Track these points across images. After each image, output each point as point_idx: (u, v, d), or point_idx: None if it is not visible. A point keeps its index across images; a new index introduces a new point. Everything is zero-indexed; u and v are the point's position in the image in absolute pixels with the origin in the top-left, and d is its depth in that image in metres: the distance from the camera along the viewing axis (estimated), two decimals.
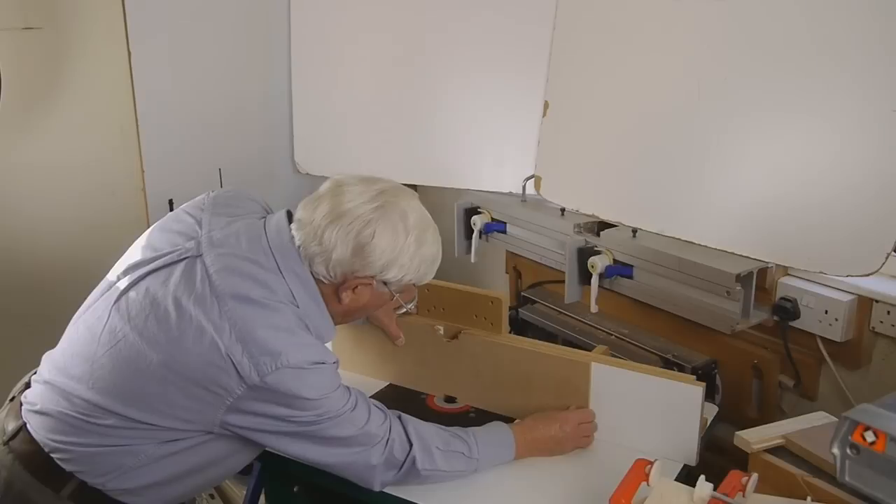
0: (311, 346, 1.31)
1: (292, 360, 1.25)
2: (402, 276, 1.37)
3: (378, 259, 1.33)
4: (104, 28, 2.24)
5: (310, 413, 1.29)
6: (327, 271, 1.35)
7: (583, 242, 1.91)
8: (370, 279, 1.36)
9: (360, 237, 1.31)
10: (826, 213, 1.50)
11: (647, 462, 1.29)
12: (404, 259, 1.35)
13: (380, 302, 1.44)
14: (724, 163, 1.65)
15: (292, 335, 1.28)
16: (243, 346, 1.24)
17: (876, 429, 1.17)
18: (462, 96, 2.26)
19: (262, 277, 1.30)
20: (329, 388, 1.31)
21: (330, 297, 1.39)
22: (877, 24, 1.42)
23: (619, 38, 1.85)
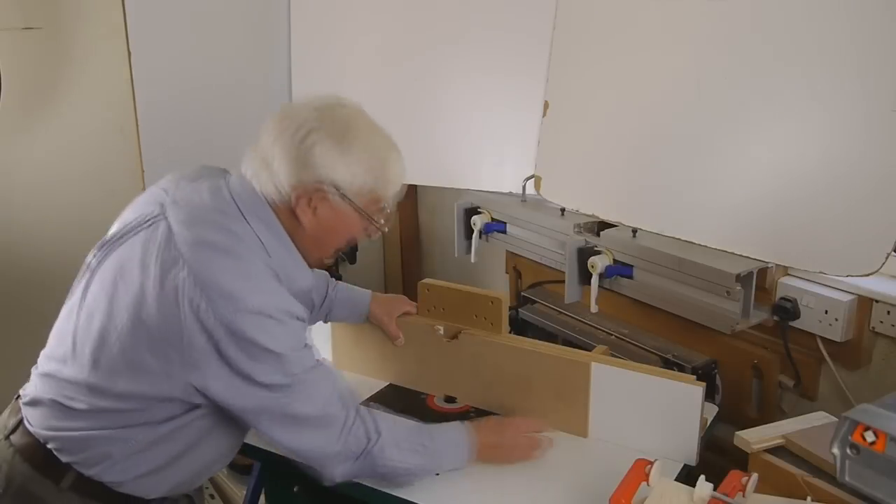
0: (277, 293, 1.26)
1: (254, 303, 1.21)
2: (353, 179, 1.29)
3: (321, 160, 1.27)
4: (104, 28, 2.24)
5: (274, 371, 1.24)
6: (278, 191, 1.29)
7: (583, 242, 1.91)
8: (320, 187, 1.28)
9: (302, 143, 1.26)
10: (826, 213, 1.50)
11: (647, 462, 1.29)
12: (351, 159, 1.28)
13: (348, 222, 1.34)
14: (724, 163, 1.65)
15: (257, 280, 1.24)
16: (202, 289, 1.20)
17: (876, 429, 1.17)
18: (462, 96, 2.26)
19: (225, 224, 1.27)
20: (294, 344, 1.26)
21: (295, 230, 1.33)
22: (877, 24, 1.42)
23: (619, 38, 1.85)
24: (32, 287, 2.26)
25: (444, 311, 1.72)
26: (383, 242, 3.06)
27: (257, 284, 1.23)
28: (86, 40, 2.25)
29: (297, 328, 1.28)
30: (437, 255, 2.97)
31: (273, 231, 1.30)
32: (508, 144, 2.18)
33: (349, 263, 2.85)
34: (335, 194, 1.30)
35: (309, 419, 1.30)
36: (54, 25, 2.20)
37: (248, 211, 1.29)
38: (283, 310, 1.25)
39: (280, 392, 1.26)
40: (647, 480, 1.27)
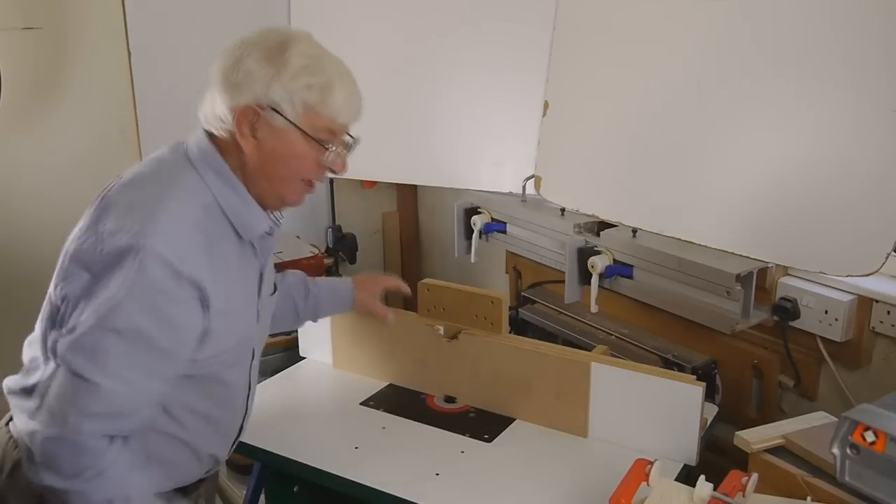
0: (190, 245, 1.16)
1: (152, 242, 1.12)
2: (291, 96, 1.19)
3: (256, 78, 1.18)
4: (104, 28, 2.24)
5: (93, 314, 1.12)
6: (221, 122, 1.21)
7: (583, 242, 1.91)
8: (255, 107, 1.19)
9: (237, 63, 1.19)
10: (826, 213, 1.50)
11: (647, 462, 1.29)
12: (285, 75, 1.18)
13: (294, 149, 1.23)
14: (724, 163, 1.65)
15: (168, 223, 1.15)
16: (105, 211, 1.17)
17: (876, 429, 1.17)
18: (462, 96, 2.26)
19: (163, 177, 1.21)
20: (144, 294, 1.12)
21: (246, 169, 1.24)
22: (877, 24, 1.42)
23: (619, 38, 1.85)
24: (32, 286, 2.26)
25: (444, 311, 1.72)
26: (383, 242, 3.06)
27: (165, 227, 1.14)
28: (86, 40, 2.25)
29: (186, 295, 1.16)
30: (437, 255, 2.98)
31: (223, 177, 1.23)
32: (508, 144, 2.18)
33: (349, 263, 2.85)
34: (273, 115, 1.19)
35: (55, 394, 1.14)
36: (54, 25, 2.20)
37: (199, 160, 1.23)
38: (182, 268, 1.14)
39: (92, 329, 1.12)
40: (647, 480, 1.27)
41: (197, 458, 1.35)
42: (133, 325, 1.13)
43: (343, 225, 2.87)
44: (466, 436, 1.61)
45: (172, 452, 1.30)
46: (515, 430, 1.63)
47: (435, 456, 1.54)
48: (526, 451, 1.56)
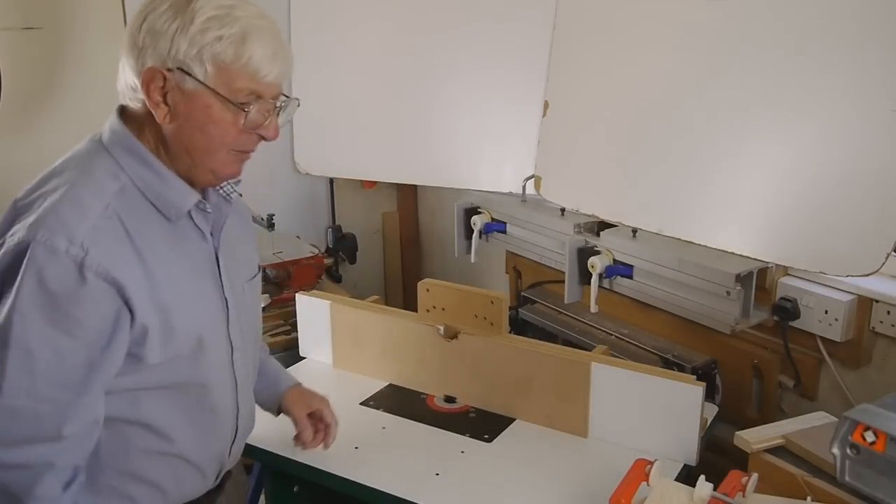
0: (87, 224, 1.03)
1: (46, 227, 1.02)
2: (198, 53, 1.04)
3: (156, 35, 1.05)
4: (104, 28, 2.24)
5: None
6: (129, 89, 1.11)
7: (583, 242, 1.91)
8: (161, 70, 1.05)
9: (142, 24, 1.06)
10: (826, 213, 1.50)
11: (647, 462, 1.29)
12: (192, 29, 1.03)
13: (209, 113, 1.08)
14: (724, 163, 1.65)
15: (65, 207, 1.04)
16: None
17: (876, 429, 1.17)
18: (462, 96, 2.26)
19: (68, 168, 1.12)
20: (41, 294, 1.00)
21: (161, 140, 1.12)
22: (877, 24, 1.42)
23: (619, 39, 1.85)
24: None
25: (444, 311, 1.72)
26: (383, 242, 3.06)
27: (67, 218, 1.03)
28: (86, 40, 2.25)
29: (96, 292, 1.02)
30: (437, 255, 2.98)
31: (136, 155, 1.11)
32: (508, 144, 2.18)
33: (349, 264, 2.85)
34: (183, 77, 1.05)
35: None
36: (54, 25, 2.20)
37: (111, 143, 1.12)
38: (88, 260, 1.01)
39: None
40: (647, 480, 1.27)
41: (197, 471, 1.23)
42: (34, 333, 1.01)
43: (343, 225, 2.87)
44: (466, 436, 1.61)
45: (166, 472, 1.19)
46: (515, 430, 1.63)
47: (435, 456, 1.54)
48: (526, 451, 1.56)
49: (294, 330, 2.03)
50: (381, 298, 2.02)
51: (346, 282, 2.86)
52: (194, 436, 1.20)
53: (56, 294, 1.01)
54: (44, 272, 1.00)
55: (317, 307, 1.88)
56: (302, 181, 2.74)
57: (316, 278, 2.35)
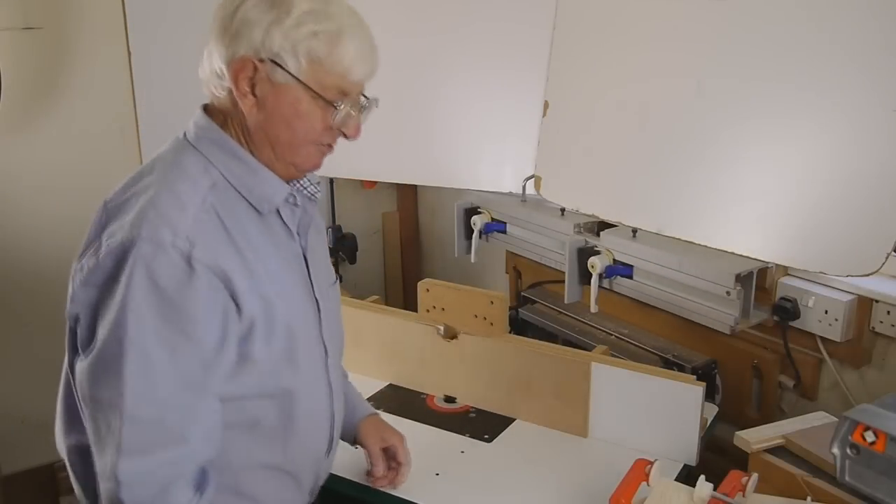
0: (194, 220, 1.01)
1: (153, 231, 0.99)
2: (293, 46, 1.02)
3: (250, 24, 1.02)
4: (104, 28, 2.24)
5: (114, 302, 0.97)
6: (215, 77, 1.07)
7: (583, 242, 1.91)
8: (252, 61, 1.03)
9: (235, 12, 1.04)
10: (826, 213, 1.50)
11: (647, 462, 1.29)
12: (290, 22, 1.02)
13: (298, 107, 1.06)
14: (724, 163, 1.65)
15: (168, 206, 1.02)
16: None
17: (876, 429, 1.17)
18: (462, 96, 2.26)
19: (157, 166, 1.09)
20: (154, 291, 0.97)
21: (245, 131, 1.09)
22: (877, 24, 1.42)
23: (619, 38, 1.85)
24: (33, 286, 2.26)
25: (443, 311, 1.72)
26: (383, 242, 3.06)
27: (168, 215, 1.00)
28: (86, 40, 2.25)
29: (205, 284, 0.99)
30: (437, 255, 2.97)
31: (225, 148, 1.08)
32: (508, 144, 2.18)
33: (349, 263, 2.85)
34: (274, 68, 1.03)
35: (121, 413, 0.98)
36: (54, 25, 2.20)
37: (197, 138, 1.09)
38: (195, 253, 0.99)
39: (108, 337, 0.98)
40: (647, 480, 1.27)
41: (296, 484, 1.19)
42: (150, 334, 0.97)
43: (343, 225, 2.87)
44: (466, 436, 1.61)
45: (267, 486, 1.15)
46: (515, 430, 1.64)
47: (435, 456, 1.54)
48: (526, 451, 1.56)
49: None
50: (381, 298, 2.02)
51: (346, 282, 2.86)
52: (294, 445, 1.16)
53: (167, 289, 0.97)
54: (153, 268, 0.97)
55: None
56: None
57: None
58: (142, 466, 0.99)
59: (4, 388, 2.27)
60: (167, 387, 0.99)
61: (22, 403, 2.25)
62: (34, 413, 2.27)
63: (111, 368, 0.97)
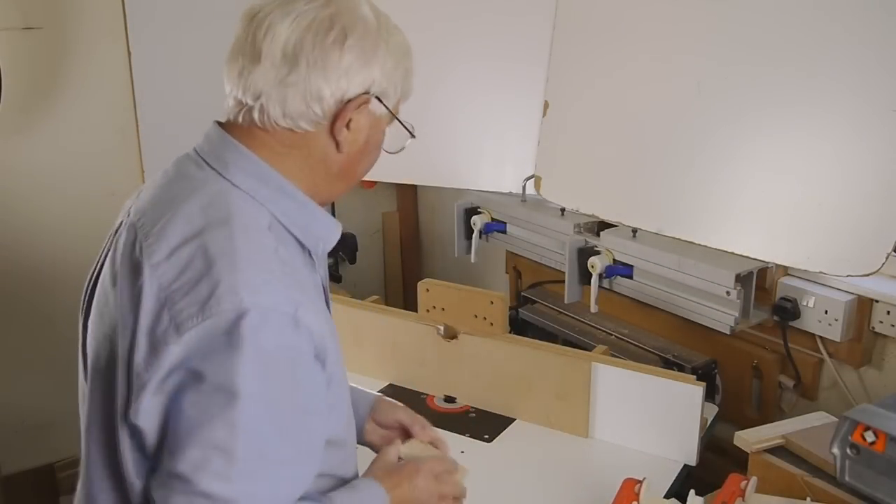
0: (286, 285, 0.90)
1: (255, 300, 0.86)
2: (392, 81, 1.01)
3: (363, 62, 0.96)
4: (104, 28, 2.24)
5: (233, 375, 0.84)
6: (310, 109, 0.95)
7: (583, 242, 1.91)
8: (365, 97, 0.98)
9: (331, 39, 0.94)
10: (826, 213, 1.50)
11: (636, 481, 1.28)
12: (389, 58, 1.00)
13: (379, 138, 1.05)
14: (724, 163, 1.65)
15: (255, 267, 0.90)
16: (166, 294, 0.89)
17: (876, 429, 1.17)
18: (462, 96, 2.26)
19: (202, 210, 0.93)
20: (276, 365, 0.87)
21: (315, 166, 1.00)
22: (877, 24, 1.42)
23: (619, 38, 1.85)
24: (32, 287, 2.26)
25: (444, 311, 1.72)
26: (383, 242, 3.06)
27: (247, 267, 0.88)
28: (86, 40, 2.25)
29: (309, 348, 0.91)
30: (437, 255, 2.98)
31: (273, 185, 0.97)
32: (508, 144, 2.18)
33: (349, 263, 2.85)
34: (376, 105, 1.00)
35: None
36: (54, 25, 2.20)
37: (232, 168, 0.97)
38: (299, 314, 0.88)
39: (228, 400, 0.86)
40: (637, 500, 1.26)
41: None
42: (268, 403, 0.87)
43: (343, 225, 2.86)
44: (466, 436, 1.61)
45: None
46: (515, 430, 1.64)
47: None
48: (526, 451, 1.56)
49: None
50: (381, 298, 2.02)
51: (346, 282, 2.86)
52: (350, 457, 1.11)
53: (290, 358, 0.89)
54: (273, 340, 0.87)
55: None
56: None
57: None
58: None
59: (4, 388, 2.27)
60: (281, 459, 0.90)
61: (22, 403, 2.25)
62: (34, 413, 2.27)
63: (218, 450, 0.85)
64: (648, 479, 1.27)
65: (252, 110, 0.96)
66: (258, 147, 0.98)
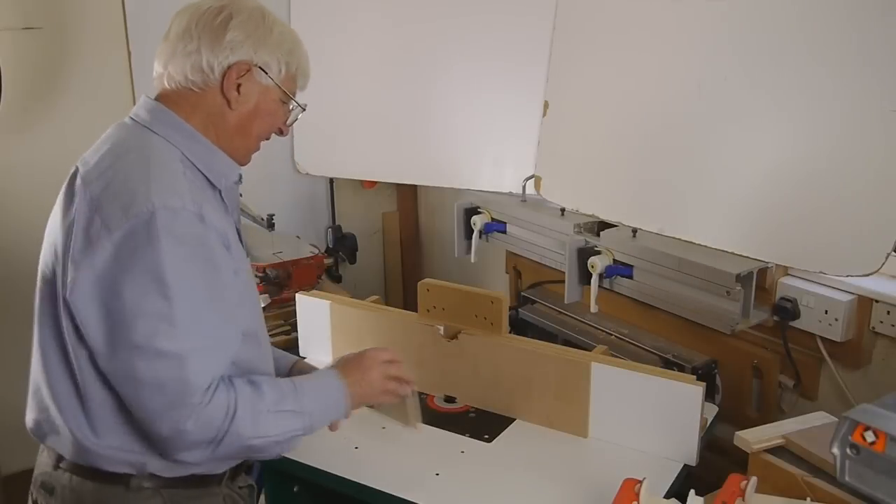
0: (191, 189, 1.19)
1: (159, 200, 1.13)
2: (275, 58, 1.27)
3: (244, 37, 1.24)
4: (104, 28, 2.24)
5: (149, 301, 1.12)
6: (199, 73, 1.24)
7: (583, 242, 1.91)
8: (247, 65, 1.25)
9: (218, 21, 1.24)
10: (826, 213, 1.50)
11: (636, 481, 1.27)
12: (271, 39, 1.27)
13: (270, 106, 1.30)
14: (724, 163, 1.65)
15: (165, 178, 1.18)
16: (97, 202, 1.16)
17: (876, 429, 1.17)
18: (462, 96, 2.26)
19: (128, 149, 1.22)
20: (184, 250, 1.14)
21: (212, 122, 1.27)
22: (876, 24, 1.42)
23: (619, 39, 1.85)
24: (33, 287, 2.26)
25: (444, 311, 1.72)
26: (383, 242, 3.06)
27: (160, 177, 1.16)
28: (86, 40, 2.25)
29: (215, 240, 1.19)
30: (437, 255, 2.98)
31: (182, 132, 1.25)
32: (508, 144, 2.18)
33: (349, 263, 2.85)
34: (262, 76, 1.27)
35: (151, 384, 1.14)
36: (54, 25, 2.20)
37: (155, 123, 1.25)
38: (194, 211, 1.15)
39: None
40: (637, 500, 1.26)
41: None
42: (190, 281, 1.14)
43: (343, 225, 2.88)
44: (466, 436, 1.61)
45: None
46: (515, 430, 1.64)
47: (435, 456, 1.54)
48: (526, 451, 1.56)
49: (294, 330, 2.03)
50: (381, 298, 2.02)
51: (346, 282, 2.86)
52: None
53: (195, 245, 1.15)
54: (177, 230, 1.13)
55: (317, 307, 1.88)
56: (302, 181, 2.74)
57: (316, 278, 2.35)
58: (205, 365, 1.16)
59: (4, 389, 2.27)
60: (211, 322, 1.17)
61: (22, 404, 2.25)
62: None
63: (160, 319, 1.12)
64: (648, 479, 1.27)
65: (163, 76, 1.27)
66: (174, 107, 1.26)
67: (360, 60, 2.43)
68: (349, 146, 2.49)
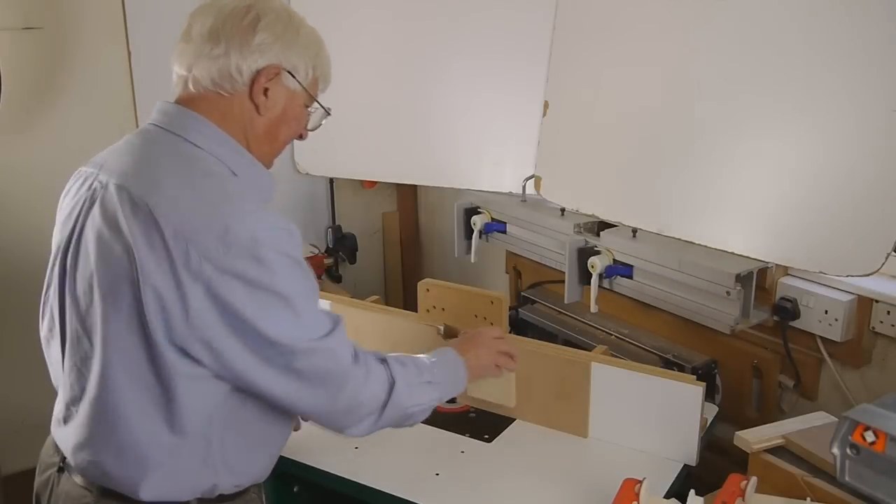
0: (266, 211, 1.16)
1: (247, 230, 1.10)
2: (303, 61, 1.23)
3: (273, 39, 1.19)
4: (104, 28, 2.24)
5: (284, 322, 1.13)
6: (230, 77, 1.18)
7: (583, 242, 1.91)
8: (276, 69, 1.20)
9: (246, 22, 1.18)
10: (826, 213, 1.50)
11: (636, 481, 1.27)
12: (299, 41, 1.23)
13: (296, 111, 1.27)
14: (724, 163, 1.65)
15: (238, 201, 1.15)
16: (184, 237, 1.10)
17: (876, 429, 1.17)
18: (462, 96, 2.26)
19: (179, 166, 1.18)
20: (302, 283, 1.18)
21: (242, 128, 1.22)
22: (877, 24, 1.42)
23: (619, 38, 1.85)
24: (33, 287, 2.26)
25: (444, 311, 1.72)
26: (383, 242, 3.06)
27: (241, 205, 1.13)
28: (86, 40, 2.25)
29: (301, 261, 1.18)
30: (437, 255, 2.98)
31: (225, 144, 1.20)
32: (508, 144, 2.18)
33: (349, 263, 2.85)
34: (290, 80, 1.23)
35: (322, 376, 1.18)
36: (54, 25, 2.20)
37: (190, 131, 1.19)
38: (285, 228, 1.14)
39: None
40: (637, 500, 1.26)
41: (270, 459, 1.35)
42: (295, 281, 1.16)
43: (343, 225, 2.87)
44: (466, 436, 1.61)
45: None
46: (515, 430, 1.64)
47: (435, 456, 1.54)
48: (526, 451, 1.56)
49: None
50: (381, 298, 2.02)
51: (346, 282, 2.86)
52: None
53: (297, 259, 1.17)
54: (283, 246, 1.13)
55: None
56: (302, 181, 2.74)
57: (316, 278, 2.35)
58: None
59: (4, 388, 2.27)
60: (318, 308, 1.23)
61: (22, 403, 2.25)
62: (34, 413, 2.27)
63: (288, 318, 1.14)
64: (648, 479, 1.27)
65: (187, 80, 1.20)
66: (205, 113, 1.20)
67: (360, 60, 2.43)
68: (349, 146, 2.49)
